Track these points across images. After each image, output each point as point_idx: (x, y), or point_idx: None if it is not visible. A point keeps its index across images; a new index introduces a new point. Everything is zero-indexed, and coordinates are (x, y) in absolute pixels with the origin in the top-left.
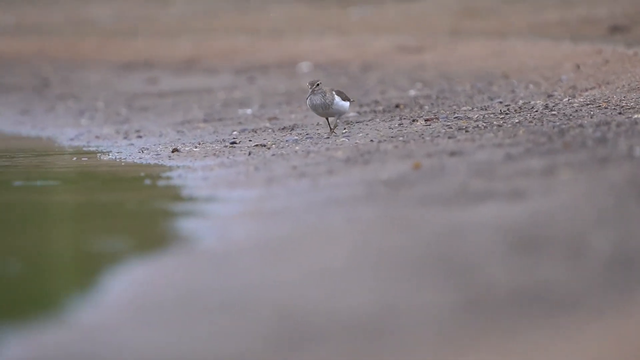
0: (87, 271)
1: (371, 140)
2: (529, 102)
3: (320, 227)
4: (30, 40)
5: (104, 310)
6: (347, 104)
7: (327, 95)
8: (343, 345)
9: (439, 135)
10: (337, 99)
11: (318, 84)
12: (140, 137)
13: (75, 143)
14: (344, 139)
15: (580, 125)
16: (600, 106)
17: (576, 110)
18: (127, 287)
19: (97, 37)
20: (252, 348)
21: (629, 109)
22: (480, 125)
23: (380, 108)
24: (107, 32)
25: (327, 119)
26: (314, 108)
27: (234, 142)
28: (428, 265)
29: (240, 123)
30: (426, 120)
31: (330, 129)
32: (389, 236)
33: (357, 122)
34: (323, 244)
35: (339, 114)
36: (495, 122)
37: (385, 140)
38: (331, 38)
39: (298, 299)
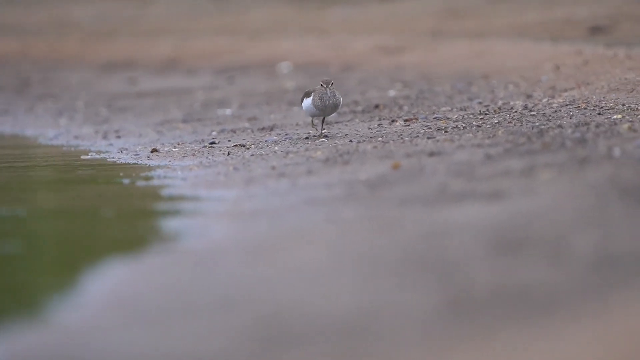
0: (68, 271)
1: (350, 141)
2: (509, 103)
3: (301, 227)
4: (11, 41)
5: (84, 310)
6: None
7: (337, 95)
8: (325, 345)
9: (418, 136)
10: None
11: (332, 83)
12: (119, 137)
13: (55, 143)
14: (323, 139)
15: (560, 126)
16: (579, 107)
17: (555, 111)
18: (108, 287)
19: (79, 37)
20: (234, 348)
21: (608, 109)
22: (459, 126)
23: (360, 108)
24: (89, 33)
25: (324, 119)
26: (324, 108)
27: (213, 143)
28: (409, 266)
29: (219, 123)
30: (405, 120)
31: (322, 129)
32: (369, 236)
33: (336, 123)
34: (303, 244)
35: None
36: (474, 123)
37: (364, 141)
38: (312, 39)
39: (279, 299)
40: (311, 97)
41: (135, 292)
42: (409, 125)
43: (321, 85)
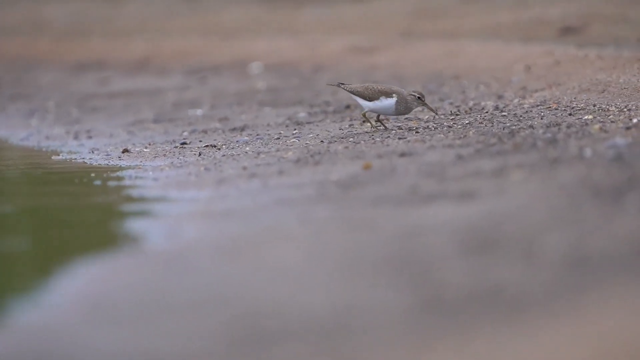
0: (38, 271)
1: (322, 141)
2: (480, 103)
3: (272, 227)
4: None
5: (55, 310)
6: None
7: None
8: (299, 344)
9: (389, 136)
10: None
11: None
12: (90, 137)
13: (26, 143)
14: (294, 139)
15: (531, 127)
16: (550, 107)
17: (527, 112)
18: (79, 287)
19: (51, 37)
20: (209, 347)
21: (579, 110)
22: (430, 126)
23: (331, 109)
24: (62, 33)
25: (379, 116)
26: (400, 113)
27: (184, 143)
28: (383, 266)
29: (190, 124)
30: (376, 121)
31: (381, 123)
32: (342, 236)
33: (307, 123)
34: (275, 244)
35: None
36: (445, 123)
37: (335, 141)
38: (284, 39)
39: (253, 298)
40: (394, 99)
41: (106, 292)
42: (380, 126)
43: (414, 94)
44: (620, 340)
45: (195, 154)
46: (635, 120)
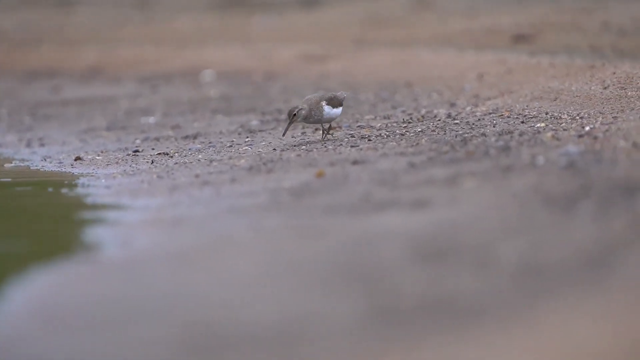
0: None
1: (274, 149)
2: (432, 111)
3: (225, 235)
4: None
5: (5, 319)
6: (336, 110)
7: (315, 111)
8: (251, 354)
9: (341, 144)
10: (327, 109)
11: (295, 114)
12: (43, 145)
13: None
14: (246, 147)
15: (483, 134)
16: (503, 115)
17: (479, 119)
18: (29, 296)
19: (2, 46)
20: (159, 355)
21: (531, 117)
22: (383, 134)
23: (284, 117)
24: (12, 42)
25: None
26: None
27: (136, 151)
28: (335, 275)
29: (143, 131)
30: (329, 129)
31: (325, 132)
32: (294, 245)
33: (259, 131)
34: (228, 253)
35: (330, 121)
36: (398, 131)
37: (288, 149)
38: (236, 47)
39: (205, 307)
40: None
41: (58, 301)
42: (332, 134)
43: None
44: (575, 347)
45: (147, 162)
46: (587, 128)
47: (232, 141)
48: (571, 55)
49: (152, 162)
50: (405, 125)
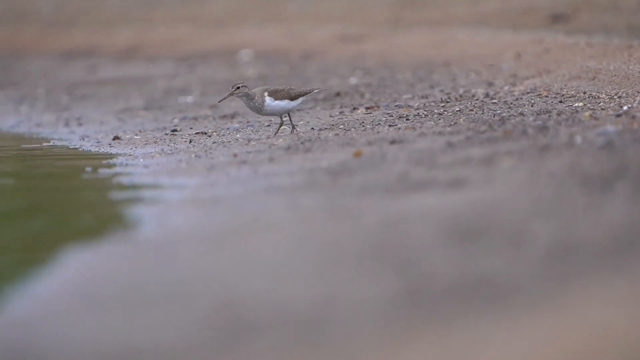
0: (27, 260)
1: (312, 129)
2: (470, 91)
3: (261, 215)
4: None
5: (44, 299)
6: (283, 103)
7: (257, 99)
8: (283, 335)
9: (379, 123)
10: (269, 100)
11: (239, 87)
12: (80, 124)
13: (16, 130)
14: (285, 126)
15: (521, 114)
16: (540, 95)
17: (517, 99)
18: (67, 276)
19: (38, 27)
20: (193, 336)
21: (569, 97)
22: (421, 114)
23: (321, 96)
24: (48, 22)
25: (285, 115)
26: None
27: (174, 130)
28: (369, 255)
29: (180, 111)
30: (367, 108)
31: (292, 125)
32: (330, 225)
33: (298, 111)
34: (264, 233)
35: (277, 114)
36: (436, 111)
37: (326, 129)
38: (272, 28)
39: (239, 288)
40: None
41: (95, 281)
42: (370, 113)
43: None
44: (605, 331)
45: (185, 141)
46: (625, 108)
47: (270, 121)
48: (608, 35)
49: (190, 142)
50: (443, 104)
